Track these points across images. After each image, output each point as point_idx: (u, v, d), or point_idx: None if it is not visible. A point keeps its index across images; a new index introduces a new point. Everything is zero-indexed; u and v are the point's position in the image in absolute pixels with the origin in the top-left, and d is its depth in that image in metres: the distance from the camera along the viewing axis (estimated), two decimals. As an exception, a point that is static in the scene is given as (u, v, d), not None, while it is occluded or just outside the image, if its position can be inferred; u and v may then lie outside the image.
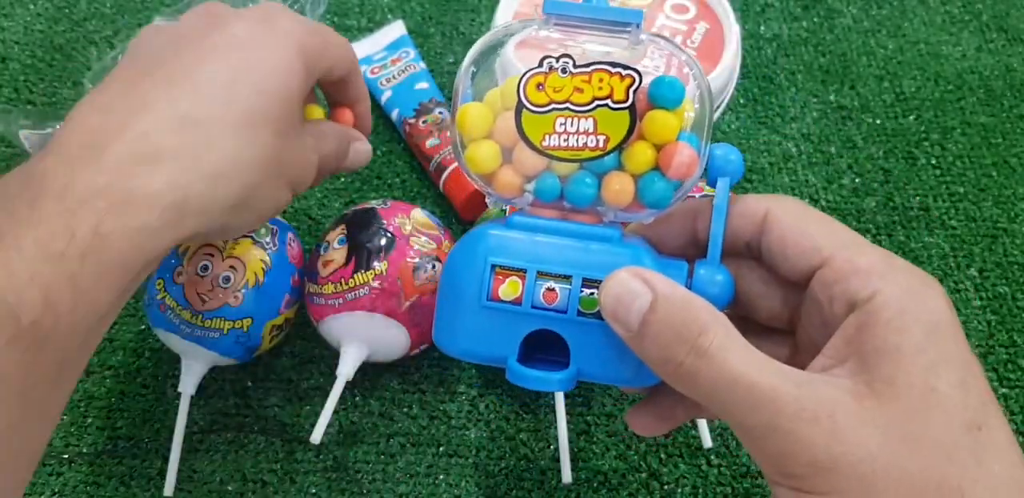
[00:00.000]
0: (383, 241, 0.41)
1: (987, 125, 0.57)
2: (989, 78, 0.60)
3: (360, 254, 0.41)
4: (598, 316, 0.26)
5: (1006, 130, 0.57)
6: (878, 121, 0.57)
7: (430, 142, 0.52)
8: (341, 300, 0.41)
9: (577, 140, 0.27)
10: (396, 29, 0.61)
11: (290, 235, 0.44)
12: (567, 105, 0.27)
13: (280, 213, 0.34)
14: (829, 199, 0.54)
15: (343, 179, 0.54)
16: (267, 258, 0.42)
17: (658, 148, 0.27)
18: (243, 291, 0.40)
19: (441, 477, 0.43)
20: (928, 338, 0.23)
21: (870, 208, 0.53)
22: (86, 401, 0.45)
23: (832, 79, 0.60)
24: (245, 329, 0.41)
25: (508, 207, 0.41)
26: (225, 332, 0.41)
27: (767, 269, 0.29)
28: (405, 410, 0.45)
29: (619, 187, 0.28)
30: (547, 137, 0.27)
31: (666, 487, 0.42)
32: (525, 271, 0.27)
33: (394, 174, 0.54)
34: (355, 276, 0.40)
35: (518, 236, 0.28)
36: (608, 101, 0.27)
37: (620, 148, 0.27)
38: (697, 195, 0.43)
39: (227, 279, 0.40)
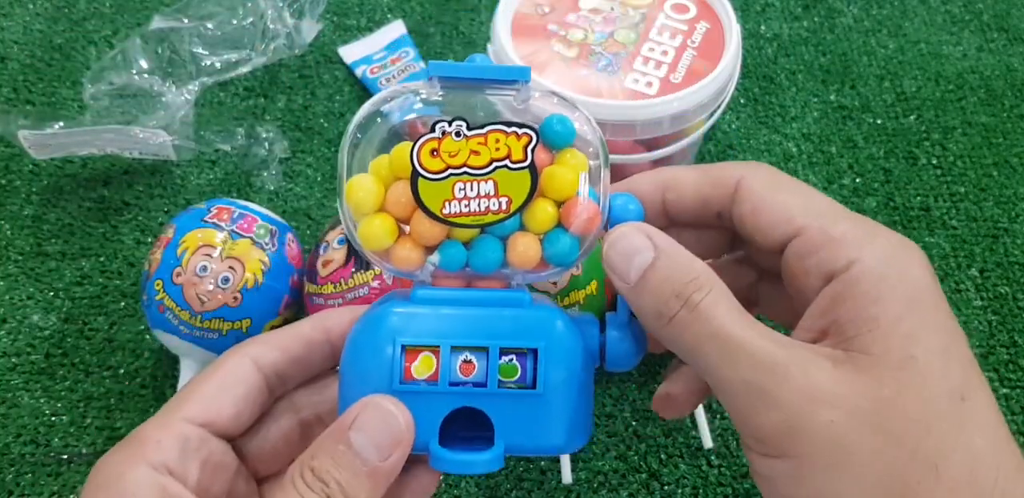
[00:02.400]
0: (382, 241, 0.41)
1: (988, 125, 0.57)
2: (990, 78, 0.60)
3: (360, 254, 0.41)
4: (520, 385, 0.25)
5: (1007, 130, 0.57)
6: (879, 121, 0.57)
7: (430, 142, 0.52)
8: (340, 300, 0.40)
9: (479, 204, 0.26)
10: (396, 29, 0.61)
11: (289, 236, 0.44)
12: (464, 169, 0.26)
13: None
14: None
15: (343, 179, 0.54)
16: (266, 259, 0.42)
17: (558, 204, 0.27)
18: (242, 292, 0.40)
19: (441, 477, 0.43)
20: (908, 307, 0.22)
21: (871, 208, 0.53)
22: (85, 401, 0.45)
23: (833, 79, 0.59)
24: (244, 330, 0.41)
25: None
26: (224, 333, 0.40)
27: (737, 241, 0.28)
28: (405, 411, 0.45)
29: (524, 248, 0.27)
30: (447, 204, 0.26)
31: (666, 488, 0.42)
32: (438, 347, 0.26)
33: (394, 174, 0.54)
34: (354, 276, 0.40)
35: (425, 311, 0.26)
36: (507, 162, 0.26)
37: (523, 208, 0.26)
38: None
39: (226, 280, 0.40)
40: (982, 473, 0.21)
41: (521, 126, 0.26)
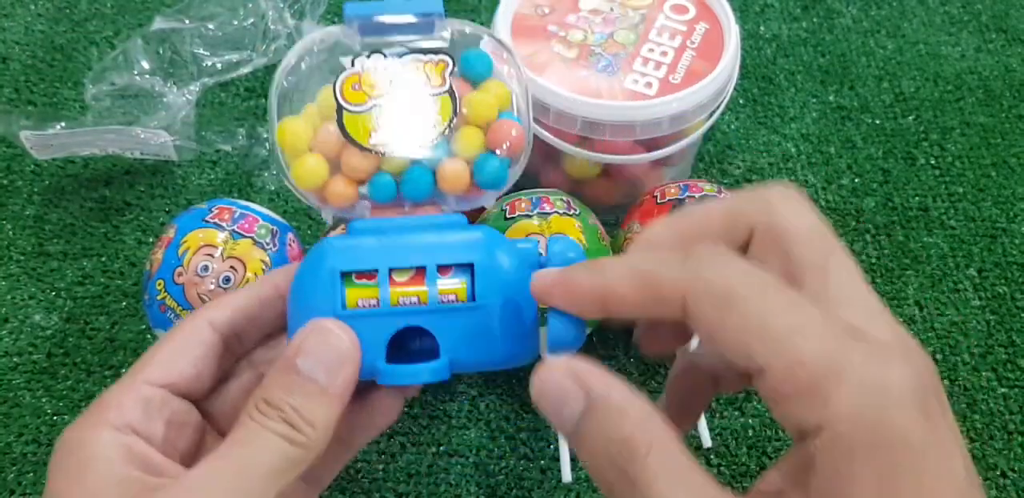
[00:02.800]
0: (383, 241, 0.41)
1: (986, 125, 0.57)
2: (988, 78, 0.60)
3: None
4: (459, 301, 0.25)
5: (1005, 130, 0.57)
6: (877, 121, 0.58)
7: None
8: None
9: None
10: (396, 29, 0.61)
11: (290, 235, 0.44)
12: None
13: None
14: (828, 199, 0.54)
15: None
16: (267, 259, 0.42)
17: (484, 130, 0.27)
18: (243, 291, 0.41)
19: (441, 477, 0.43)
20: (880, 487, 0.19)
21: (869, 208, 0.53)
22: (87, 401, 0.45)
23: (831, 79, 0.60)
24: (245, 329, 0.41)
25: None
26: (225, 332, 0.41)
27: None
28: (405, 409, 0.45)
29: (453, 173, 0.27)
30: (373, 134, 0.27)
31: (665, 487, 0.42)
32: (376, 271, 0.26)
33: (394, 174, 0.54)
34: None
35: (363, 241, 0.26)
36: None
37: (447, 132, 0.27)
38: (697, 195, 0.43)
39: (227, 279, 0.40)
40: None
41: (437, 52, 0.27)
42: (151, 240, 0.51)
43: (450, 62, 0.27)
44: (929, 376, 0.20)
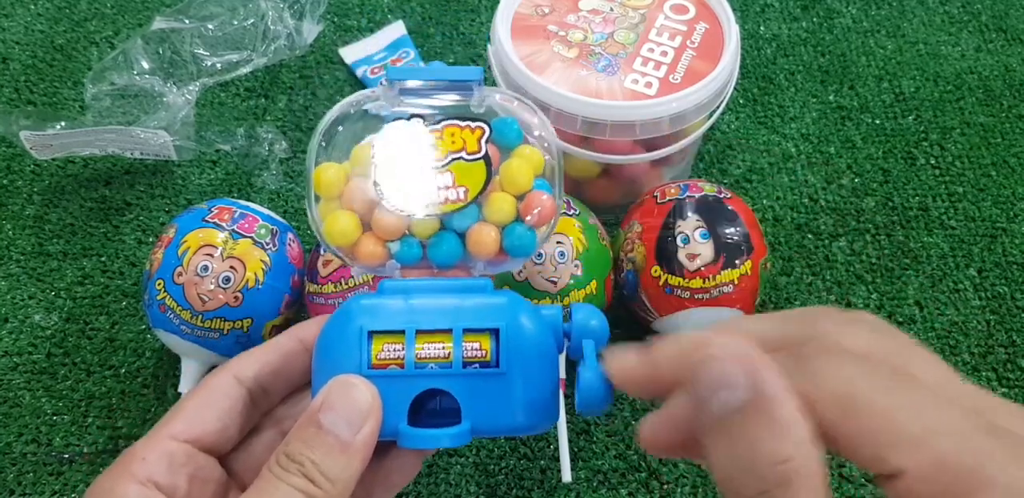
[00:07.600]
0: (383, 241, 0.41)
1: (986, 125, 0.57)
2: (988, 78, 0.60)
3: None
4: (483, 365, 0.26)
5: (1005, 130, 0.57)
6: (877, 121, 0.58)
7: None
8: (341, 300, 0.41)
9: (438, 195, 0.28)
10: (396, 29, 0.61)
11: (290, 236, 0.44)
12: None
13: None
14: (828, 199, 0.54)
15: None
16: (267, 258, 0.42)
17: (517, 198, 0.28)
18: (243, 291, 0.41)
19: (441, 477, 0.43)
20: None
21: (869, 208, 0.53)
22: (87, 400, 0.45)
23: (831, 79, 0.60)
24: (245, 330, 0.41)
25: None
26: (225, 332, 0.41)
27: None
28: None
29: (483, 238, 0.28)
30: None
31: (666, 486, 0.42)
32: (404, 333, 0.26)
33: (394, 174, 0.54)
34: (355, 276, 0.41)
35: (391, 301, 0.27)
36: (462, 153, 0.27)
37: (480, 197, 0.28)
38: (696, 195, 0.43)
39: (227, 279, 0.40)
40: None
41: (475, 119, 0.28)
42: (151, 240, 0.51)
43: (487, 129, 0.27)
44: None
